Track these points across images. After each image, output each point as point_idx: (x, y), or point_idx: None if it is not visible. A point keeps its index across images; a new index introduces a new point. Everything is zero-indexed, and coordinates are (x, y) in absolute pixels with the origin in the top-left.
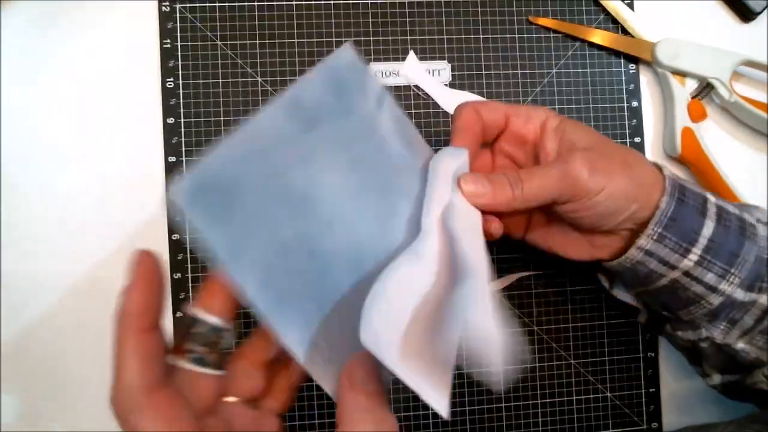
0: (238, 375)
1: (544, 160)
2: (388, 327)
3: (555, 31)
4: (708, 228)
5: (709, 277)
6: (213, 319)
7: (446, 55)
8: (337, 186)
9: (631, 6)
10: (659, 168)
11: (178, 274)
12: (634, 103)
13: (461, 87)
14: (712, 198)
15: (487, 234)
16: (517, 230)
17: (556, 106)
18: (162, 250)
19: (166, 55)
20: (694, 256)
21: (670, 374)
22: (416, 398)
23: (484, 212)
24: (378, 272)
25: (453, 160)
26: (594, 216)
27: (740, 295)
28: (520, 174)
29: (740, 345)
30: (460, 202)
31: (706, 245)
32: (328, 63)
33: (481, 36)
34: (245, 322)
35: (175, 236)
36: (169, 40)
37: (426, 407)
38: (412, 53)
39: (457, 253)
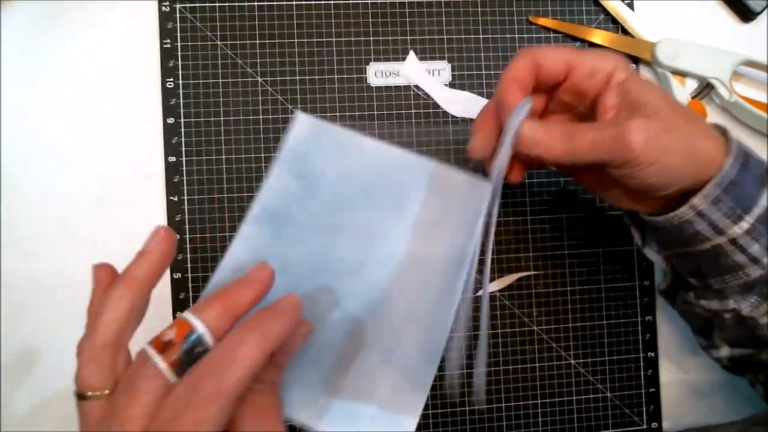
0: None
1: (600, 116)
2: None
3: (555, 31)
4: (765, 198)
5: (755, 249)
6: (201, 328)
7: (446, 55)
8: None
9: (631, 6)
10: (724, 131)
11: (178, 274)
12: None
13: (461, 87)
14: None
15: (509, 177)
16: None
17: None
18: None
19: (166, 55)
20: (745, 224)
21: (670, 374)
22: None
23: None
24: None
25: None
26: (642, 185)
27: None
28: (575, 129)
29: (765, 320)
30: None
31: (760, 215)
32: (287, 145)
33: (481, 36)
34: None
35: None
36: (169, 40)
37: (427, 407)
38: (412, 53)
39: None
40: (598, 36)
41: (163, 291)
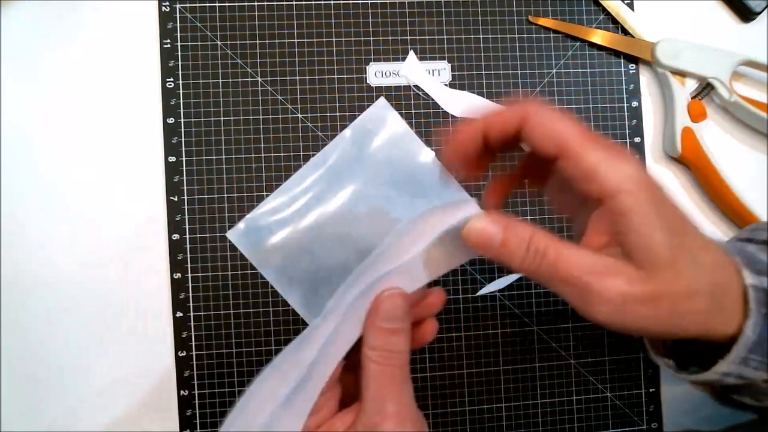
0: None
1: (585, 234)
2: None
3: (555, 31)
4: None
5: None
6: None
7: (446, 55)
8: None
9: (631, 6)
10: (737, 268)
11: (178, 274)
12: (634, 103)
13: (461, 87)
14: None
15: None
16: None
17: (556, 106)
18: (162, 250)
19: (166, 55)
20: None
21: (670, 374)
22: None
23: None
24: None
25: (445, 215)
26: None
27: None
28: (548, 248)
29: None
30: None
31: None
32: (361, 117)
33: (481, 36)
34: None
35: (175, 236)
36: (169, 40)
37: (427, 407)
38: (412, 53)
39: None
40: (598, 36)
41: (163, 291)
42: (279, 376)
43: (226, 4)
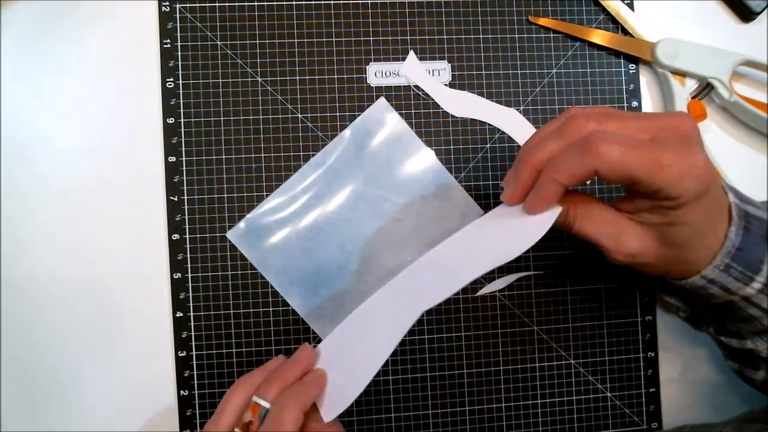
0: None
1: (621, 200)
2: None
3: (555, 31)
4: None
5: None
6: (267, 405)
7: (446, 55)
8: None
9: (631, 6)
10: (724, 191)
11: (178, 274)
12: (634, 103)
13: (461, 87)
14: None
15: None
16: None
17: (556, 106)
18: (162, 250)
19: (166, 55)
20: (757, 284)
21: (670, 374)
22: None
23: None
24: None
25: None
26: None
27: None
28: (579, 209)
29: None
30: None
31: None
32: (361, 118)
33: (481, 36)
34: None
35: (175, 236)
36: (169, 40)
37: (427, 407)
38: (412, 53)
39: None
40: (598, 36)
41: (162, 291)
42: (392, 297)
43: (226, 4)
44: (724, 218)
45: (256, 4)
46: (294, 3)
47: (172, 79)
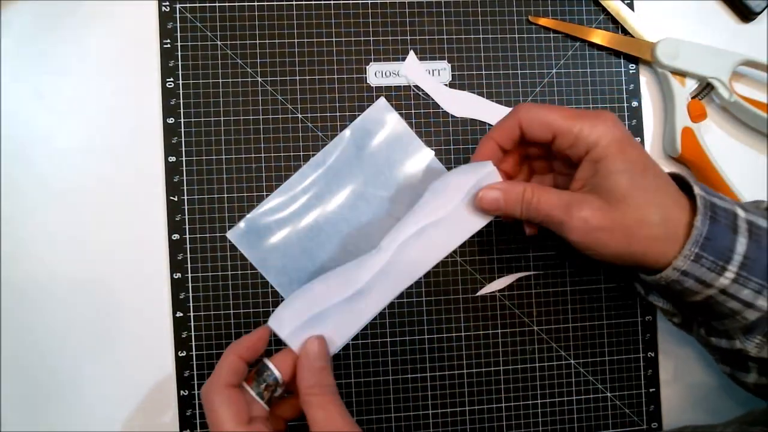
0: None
1: (572, 184)
2: (292, 318)
3: (555, 31)
4: (741, 245)
5: (746, 294)
6: (278, 373)
7: (446, 55)
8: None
9: (631, 6)
10: (689, 185)
11: (178, 274)
12: (634, 103)
13: (461, 87)
14: (741, 213)
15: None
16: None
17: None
18: (162, 250)
19: (166, 55)
20: (730, 274)
21: (670, 374)
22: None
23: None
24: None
25: (469, 176)
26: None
27: None
28: (534, 197)
29: None
30: (459, 213)
31: (741, 262)
32: (360, 118)
33: (481, 36)
34: None
35: (175, 236)
36: (169, 40)
37: (427, 407)
38: (412, 53)
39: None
40: (598, 36)
41: (162, 291)
42: (339, 281)
43: (226, 4)
44: (683, 204)
45: (256, 4)
46: (294, 3)
47: (172, 79)
